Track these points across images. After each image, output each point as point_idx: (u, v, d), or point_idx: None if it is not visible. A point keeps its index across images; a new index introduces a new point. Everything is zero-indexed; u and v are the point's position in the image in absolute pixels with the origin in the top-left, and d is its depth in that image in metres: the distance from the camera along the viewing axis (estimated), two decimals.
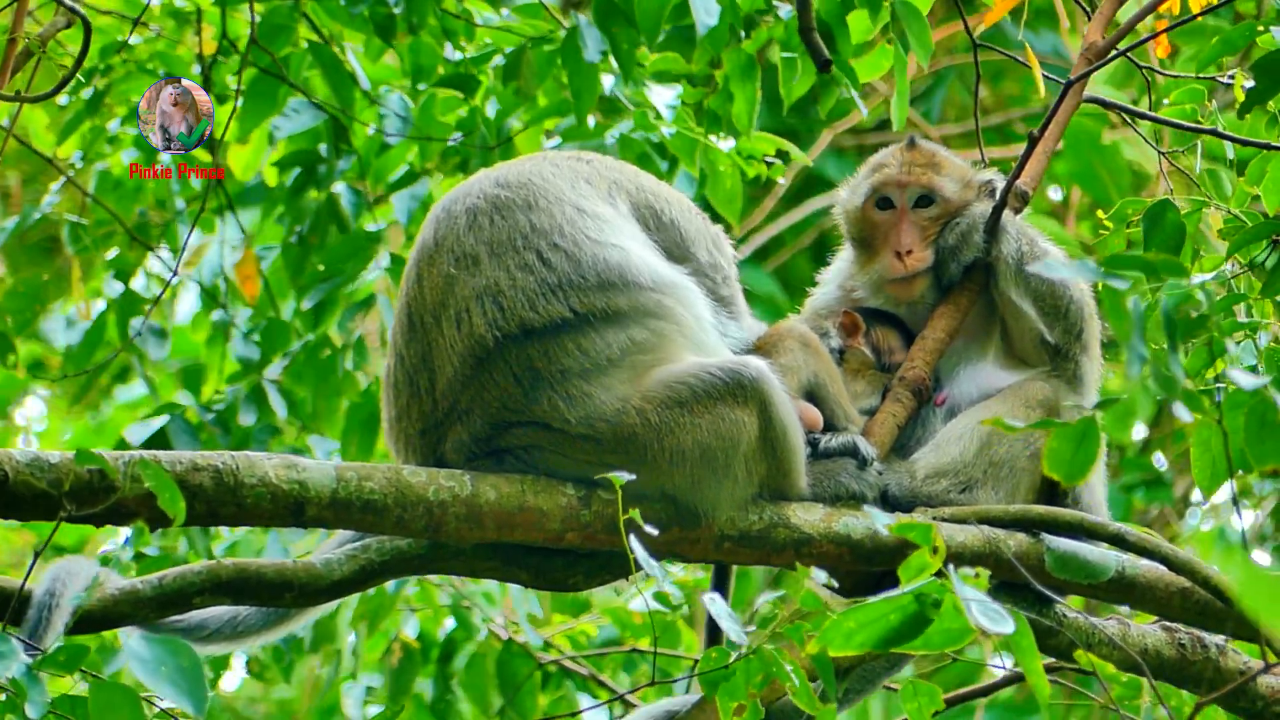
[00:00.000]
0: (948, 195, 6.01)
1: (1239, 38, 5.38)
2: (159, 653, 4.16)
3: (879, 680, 5.94)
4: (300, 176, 8.11)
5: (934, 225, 6.00)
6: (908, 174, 6.02)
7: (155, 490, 4.52)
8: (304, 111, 7.92)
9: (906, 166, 6.04)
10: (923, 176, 6.02)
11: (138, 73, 8.05)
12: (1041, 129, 5.90)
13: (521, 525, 5.40)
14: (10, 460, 4.99)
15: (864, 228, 6.07)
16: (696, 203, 6.05)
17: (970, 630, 4.24)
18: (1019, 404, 5.84)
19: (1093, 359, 5.96)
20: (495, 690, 8.35)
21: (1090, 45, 5.95)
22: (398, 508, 5.32)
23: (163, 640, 4.20)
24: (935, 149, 6.16)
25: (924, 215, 6.00)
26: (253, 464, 5.23)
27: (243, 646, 5.63)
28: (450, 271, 5.50)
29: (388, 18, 7.67)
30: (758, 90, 7.17)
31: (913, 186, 6.03)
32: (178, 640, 4.20)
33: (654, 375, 5.45)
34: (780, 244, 12.22)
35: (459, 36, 7.84)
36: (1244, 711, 5.70)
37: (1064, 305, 5.88)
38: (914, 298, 6.01)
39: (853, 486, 5.59)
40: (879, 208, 6.05)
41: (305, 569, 5.36)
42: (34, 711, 4.17)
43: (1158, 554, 5.49)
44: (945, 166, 6.05)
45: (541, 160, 5.74)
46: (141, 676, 4.11)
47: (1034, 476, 5.84)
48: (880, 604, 4.23)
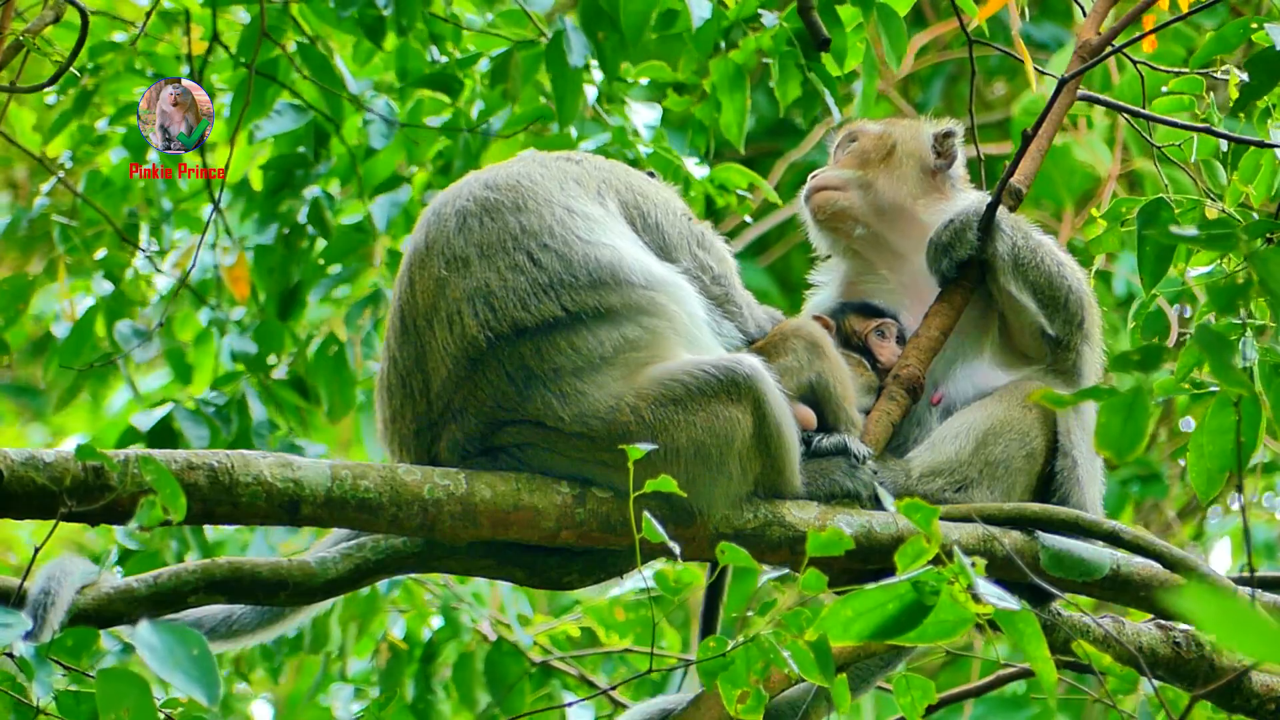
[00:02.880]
0: (869, 130, 6.23)
1: (1233, 35, 5.39)
2: (169, 641, 4.15)
3: (874, 679, 5.95)
4: (277, 178, 8.11)
5: (855, 157, 6.20)
6: (835, 138, 6.32)
7: (155, 487, 4.50)
8: (286, 113, 7.93)
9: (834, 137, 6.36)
10: (844, 129, 6.29)
11: (126, 72, 8.05)
12: (1036, 126, 5.92)
13: (516, 524, 5.40)
14: (6, 458, 4.98)
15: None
16: None
17: (967, 621, 4.24)
18: (1016, 402, 5.85)
19: (1094, 348, 5.98)
20: (483, 689, 8.35)
21: (1083, 43, 5.97)
22: (392, 506, 5.32)
23: (173, 629, 4.18)
24: None
25: (847, 151, 6.19)
26: (248, 462, 5.23)
27: (238, 645, 5.63)
28: (441, 274, 5.51)
29: (377, 20, 7.67)
30: (747, 100, 7.19)
31: (838, 144, 6.30)
32: (188, 629, 4.19)
33: (647, 373, 5.46)
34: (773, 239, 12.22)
35: (446, 41, 7.84)
36: (1238, 708, 5.71)
37: (1063, 296, 5.90)
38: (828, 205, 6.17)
39: (847, 485, 5.60)
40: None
41: (300, 567, 5.36)
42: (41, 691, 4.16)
43: (1152, 551, 5.51)
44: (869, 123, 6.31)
45: (531, 161, 5.75)
46: (152, 665, 4.09)
47: (1029, 476, 5.85)
48: (878, 592, 4.22)
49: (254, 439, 8.09)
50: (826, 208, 6.17)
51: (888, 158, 6.17)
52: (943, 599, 4.24)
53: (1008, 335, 6.04)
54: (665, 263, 5.67)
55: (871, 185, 6.15)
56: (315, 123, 7.99)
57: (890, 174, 6.16)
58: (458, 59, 7.84)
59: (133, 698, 4.08)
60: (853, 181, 6.16)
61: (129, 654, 4.81)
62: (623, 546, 5.44)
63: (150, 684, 4.14)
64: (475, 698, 8.36)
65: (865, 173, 6.15)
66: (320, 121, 7.96)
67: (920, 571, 4.23)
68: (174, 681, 4.07)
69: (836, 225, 6.19)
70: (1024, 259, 5.89)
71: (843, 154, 6.24)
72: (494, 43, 7.72)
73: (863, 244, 6.20)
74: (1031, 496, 5.84)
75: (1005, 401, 5.86)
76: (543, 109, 7.74)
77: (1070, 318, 5.91)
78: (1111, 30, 5.86)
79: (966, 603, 4.23)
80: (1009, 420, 5.83)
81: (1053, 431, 5.85)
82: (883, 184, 6.15)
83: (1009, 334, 6.03)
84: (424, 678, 8.42)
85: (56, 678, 4.45)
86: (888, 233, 6.17)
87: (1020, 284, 5.90)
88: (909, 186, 6.15)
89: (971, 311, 6.00)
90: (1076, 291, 5.92)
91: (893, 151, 6.17)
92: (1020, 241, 5.90)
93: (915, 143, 6.19)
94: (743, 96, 7.15)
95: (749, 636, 4.75)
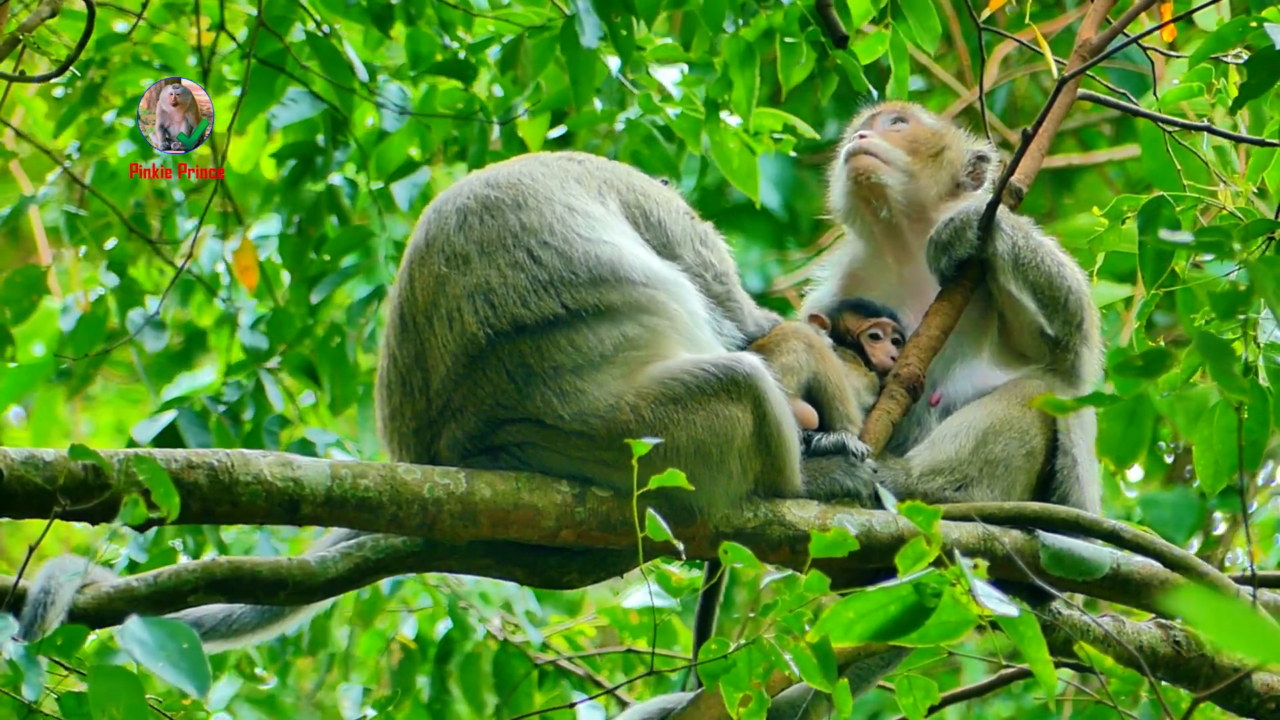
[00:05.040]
0: (921, 119, 6.17)
1: (1232, 33, 5.38)
2: (158, 635, 4.15)
3: (874, 678, 5.94)
4: (297, 167, 8.12)
5: (903, 138, 6.14)
6: (881, 108, 6.22)
7: (150, 486, 4.51)
8: (302, 101, 7.93)
9: (881, 108, 6.25)
10: (896, 105, 6.18)
11: (134, 65, 8.05)
12: (1035, 126, 5.91)
13: (516, 523, 5.40)
14: (5, 457, 4.99)
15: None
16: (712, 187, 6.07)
17: (968, 623, 4.24)
18: (1015, 402, 5.85)
19: (1092, 349, 5.97)
20: (490, 690, 8.34)
21: (1084, 42, 5.96)
22: (392, 505, 5.32)
23: (162, 623, 4.19)
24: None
25: (894, 130, 6.12)
26: (248, 462, 5.23)
27: (238, 644, 5.63)
28: (441, 271, 5.51)
29: (385, 8, 7.67)
30: (756, 77, 7.16)
31: (886, 112, 6.21)
32: (177, 623, 4.19)
33: (647, 372, 5.45)
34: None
35: (456, 27, 7.84)
36: (1239, 708, 5.70)
37: (1062, 296, 5.89)
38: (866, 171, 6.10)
39: (847, 484, 5.60)
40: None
41: (300, 567, 5.36)
42: (30, 693, 4.17)
43: (1152, 550, 5.50)
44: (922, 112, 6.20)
45: (532, 161, 5.75)
46: (141, 659, 4.09)
47: (1029, 475, 5.85)
48: (879, 594, 4.22)
49: (264, 437, 8.09)
50: (869, 174, 6.12)
51: (936, 156, 6.13)
52: (944, 600, 4.23)
53: (1007, 335, 6.03)
54: (667, 261, 5.66)
55: (915, 176, 6.12)
56: (330, 110, 7.99)
57: (933, 173, 6.13)
58: (469, 44, 7.83)
59: (125, 696, 4.08)
60: (900, 163, 6.12)
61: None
62: (622, 546, 5.44)
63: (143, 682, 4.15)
64: (482, 699, 8.36)
65: (913, 160, 6.12)
66: (333, 105, 7.95)
67: (922, 574, 4.23)
68: (162, 674, 4.07)
69: (869, 197, 6.13)
70: (1024, 259, 5.88)
71: (889, 128, 6.19)
72: (505, 28, 7.71)
73: (880, 227, 6.17)
74: (1031, 495, 5.83)
75: (1005, 400, 5.86)
76: (565, 92, 7.74)
77: (1069, 318, 5.90)
78: (1112, 29, 5.85)
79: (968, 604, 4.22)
80: (1009, 419, 5.83)
81: (1052, 430, 5.84)
82: (924, 180, 6.12)
83: (1008, 334, 6.02)
84: (439, 678, 8.42)
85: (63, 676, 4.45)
86: (907, 227, 6.15)
87: (1020, 283, 5.89)
88: (939, 190, 6.13)
89: (971, 311, 5.99)
90: (1076, 292, 5.91)
91: (942, 154, 6.13)
92: (1021, 241, 5.89)
93: (958, 153, 6.15)
94: (753, 74, 7.12)
95: (750, 639, 4.74)
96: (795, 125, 7.27)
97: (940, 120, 6.27)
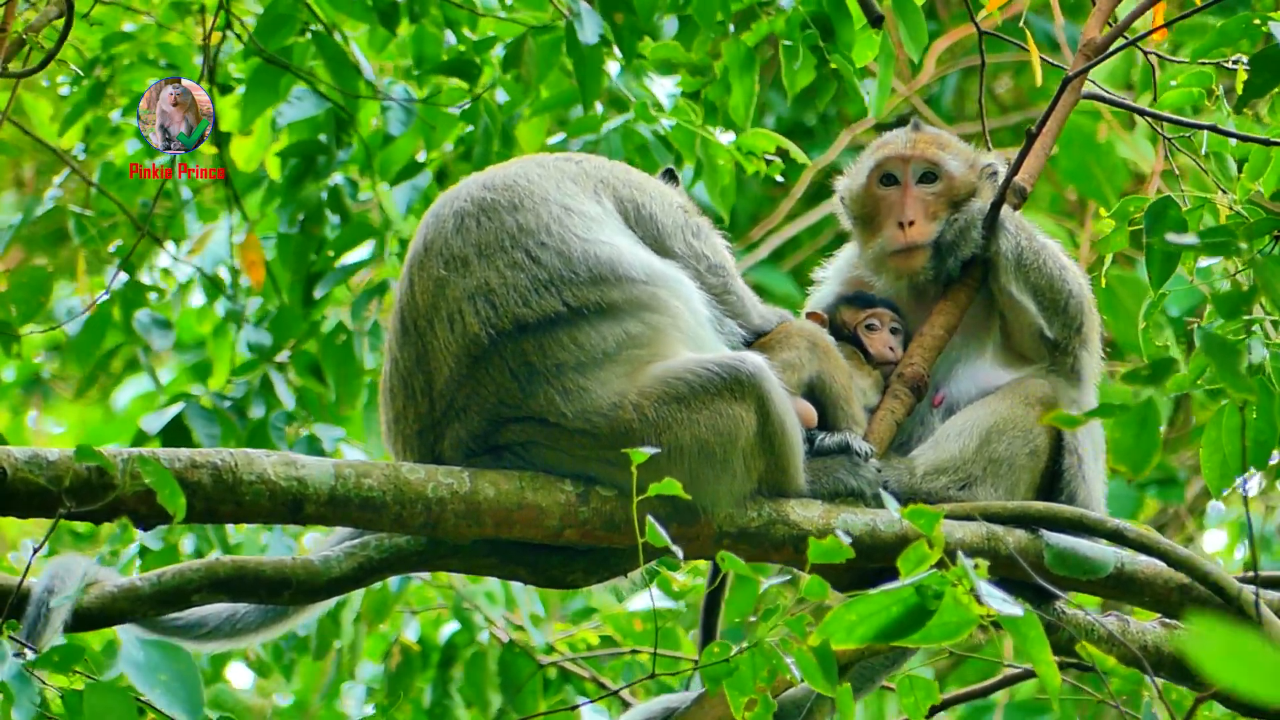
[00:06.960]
0: (951, 172, 6.00)
1: (1235, 31, 5.37)
2: (154, 658, 4.15)
3: (878, 678, 5.94)
4: (300, 165, 8.12)
5: (937, 202, 5.99)
6: (912, 149, 6.02)
7: (155, 486, 4.51)
8: (306, 99, 7.93)
9: (911, 143, 6.05)
10: (927, 150, 6.02)
11: (140, 63, 8.06)
12: (1039, 125, 5.90)
13: (520, 522, 5.40)
14: (9, 457, 4.99)
15: (867, 205, 6.06)
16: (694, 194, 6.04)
17: (970, 623, 4.24)
18: (1018, 402, 5.84)
19: (1092, 353, 5.96)
20: (496, 691, 8.34)
21: (1088, 41, 5.95)
22: (396, 505, 5.32)
23: (159, 645, 4.18)
24: (939, 131, 6.18)
25: (927, 191, 5.99)
26: (251, 461, 5.23)
27: (242, 644, 5.63)
28: (440, 274, 5.51)
29: (391, 6, 7.67)
30: (755, 83, 7.16)
31: (917, 161, 6.03)
32: (173, 645, 4.19)
33: (650, 371, 5.45)
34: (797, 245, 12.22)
35: (461, 26, 7.84)
36: (1243, 708, 5.69)
37: (1063, 299, 5.88)
38: (915, 270, 5.95)
39: (850, 483, 5.59)
40: (883, 184, 6.04)
41: (303, 566, 5.36)
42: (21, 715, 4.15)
43: (1156, 550, 5.48)
44: (950, 146, 6.06)
45: (529, 162, 5.75)
46: (136, 682, 4.09)
47: (1033, 474, 5.84)
48: (881, 596, 4.22)
49: (270, 433, 8.09)
50: (912, 271, 6.00)
51: (967, 199, 6.04)
52: (946, 601, 4.23)
53: (1007, 337, 6.02)
54: (664, 257, 5.66)
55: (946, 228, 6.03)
56: (334, 109, 7.99)
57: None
58: (474, 42, 7.84)
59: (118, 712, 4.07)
60: (938, 232, 5.99)
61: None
62: (626, 545, 5.43)
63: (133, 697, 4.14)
64: (487, 699, 8.36)
65: (946, 216, 6.03)
66: (338, 103, 7.95)
67: (924, 575, 4.23)
68: (156, 700, 4.06)
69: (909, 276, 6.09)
70: (1027, 260, 5.87)
71: (922, 190, 6.00)
72: (510, 28, 7.71)
73: None
74: (1035, 494, 5.82)
75: (1009, 399, 5.85)
76: (569, 91, 7.73)
77: (1069, 321, 5.89)
78: (1115, 28, 5.84)
79: (970, 604, 4.22)
80: (1013, 418, 5.82)
81: (1056, 429, 5.83)
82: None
83: (1009, 335, 6.01)
84: (442, 683, 8.42)
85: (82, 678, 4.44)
86: None
87: (1022, 284, 5.89)
88: None
89: (974, 312, 5.98)
90: (1077, 296, 5.90)
91: (972, 195, 6.04)
92: (1024, 242, 5.89)
93: (979, 184, 6.06)
94: (752, 79, 7.12)
95: (754, 641, 4.74)
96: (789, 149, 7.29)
97: (962, 155, 6.09)
